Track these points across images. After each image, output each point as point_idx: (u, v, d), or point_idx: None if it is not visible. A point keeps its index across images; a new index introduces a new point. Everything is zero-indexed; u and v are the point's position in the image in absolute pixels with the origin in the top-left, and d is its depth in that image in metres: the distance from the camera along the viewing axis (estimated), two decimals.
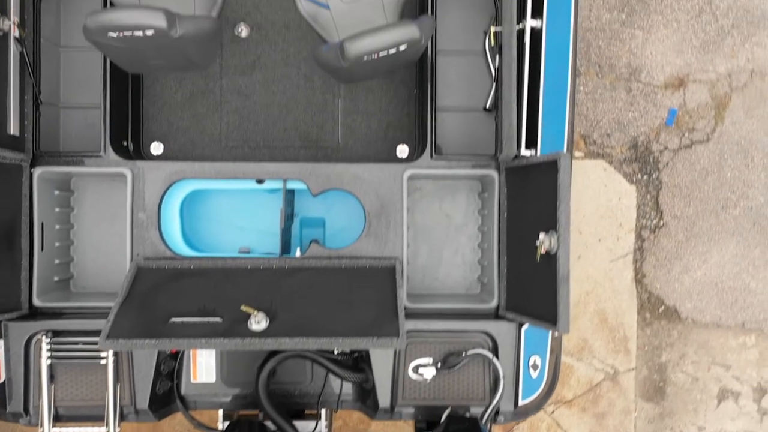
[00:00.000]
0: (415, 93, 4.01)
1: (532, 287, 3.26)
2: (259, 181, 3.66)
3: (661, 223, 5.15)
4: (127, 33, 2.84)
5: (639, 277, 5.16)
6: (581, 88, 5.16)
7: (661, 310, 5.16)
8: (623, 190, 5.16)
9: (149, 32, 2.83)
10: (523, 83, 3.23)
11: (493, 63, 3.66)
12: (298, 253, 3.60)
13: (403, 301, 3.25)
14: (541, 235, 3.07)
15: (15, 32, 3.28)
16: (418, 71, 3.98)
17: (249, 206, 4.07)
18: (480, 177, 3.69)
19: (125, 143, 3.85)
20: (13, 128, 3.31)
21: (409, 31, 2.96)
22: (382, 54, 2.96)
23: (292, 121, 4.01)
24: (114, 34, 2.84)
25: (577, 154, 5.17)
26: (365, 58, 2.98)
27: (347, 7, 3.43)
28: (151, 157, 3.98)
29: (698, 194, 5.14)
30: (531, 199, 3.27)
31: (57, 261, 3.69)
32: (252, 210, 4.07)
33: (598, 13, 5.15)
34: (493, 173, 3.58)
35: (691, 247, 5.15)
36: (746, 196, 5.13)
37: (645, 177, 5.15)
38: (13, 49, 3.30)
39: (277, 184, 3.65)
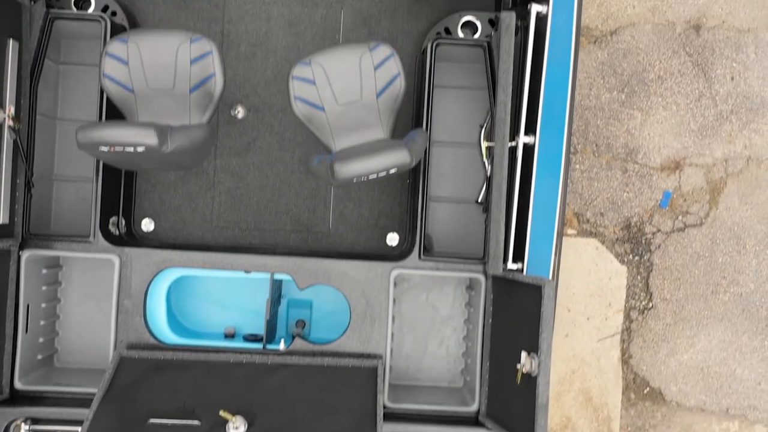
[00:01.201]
0: (408, 182, 4.02)
1: (512, 401, 3.27)
2: (247, 271, 3.67)
3: (651, 304, 5.16)
4: (118, 148, 2.85)
5: (626, 358, 5.17)
6: (577, 166, 5.16)
7: (646, 391, 5.17)
8: (614, 270, 5.16)
9: (140, 149, 2.84)
10: (512, 202, 3.23)
11: (488, 159, 3.67)
12: (282, 346, 3.60)
13: (383, 407, 3.26)
14: (523, 356, 3.08)
15: (9, 122, 3.29)
16: None
17: (236, 286, 4.08)
18: (467, 278, 3.70)
19: (116, 219, 3.86)
20: (2, 217, 3.32)
21: (400, 157, 2.97)
22: (372, 176, 2.97)
23: (284, 205, 4.02)
24: (105, 149, 2.85)
25: (569, 231, 5.18)
26: (354, 180, 2.99)
27: (342, 109, 3.44)
28: (142, 234, 3.98)
29: (689, 278, 5.14)
30: (516, 313, 3.28)
31: (41, 339, 3.70)
32: (239, 290, 4.08)
33: (597, 92, 5.15)
34: (481, 277, 3.59)
35: (679, 330, 5.15)
36: (736, 283, 5.13)
37: (636, 258, 5.16)
38: (7, 138, 3.31)
39: (265, 275, 3.65)
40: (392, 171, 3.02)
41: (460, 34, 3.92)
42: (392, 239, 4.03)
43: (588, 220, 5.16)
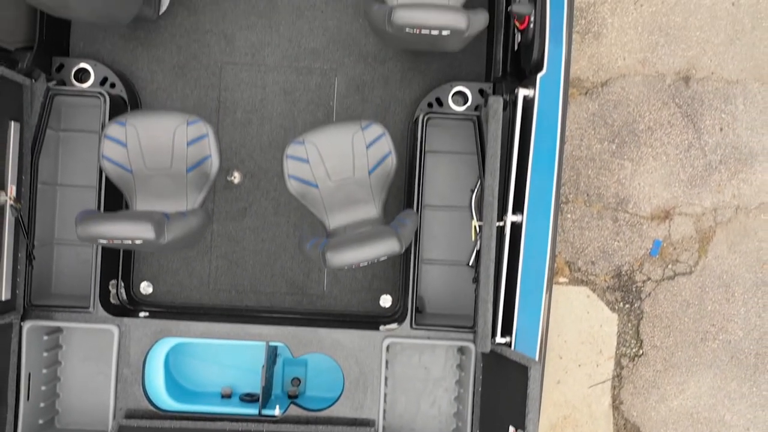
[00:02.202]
0: None
1: None
2: None
3: (641, 351, 5.25)
4: (116, 241, 2.94)
5: (616, 404, 5.26)
6: (568, 215, 5.26)
7: None
8: (605, 317, 5.25)
9: (138, 241, 2.93)
10: (500, 279, 3.33)
11: (477, 237, 3.76)
12: (277, 411, 3.70)
13: None
14: (511, 431, 3.17)
15: (11, 202, 3.39)
16: None
17: (233, 346, 4.17)
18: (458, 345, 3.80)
19: (115, 282, 3.95)
20: (5, 294, 3.41)
21: (390, 246, 3.07)
22: (363, 264, 3.06)
23: (279, 268, 4.11)
24: (104, 241, 2.94)
25: (561, 280, 5.27)
26: (345, 267, 3.08)
27: (335, 185, 3.54)
28: (140, 297, 4.08)
29: (678, 325, 5.23)
30: (504, 387, 3.37)
31: (42, 404, 3.79)
32: (235, 349, 4.17)
33: (589, 142, 5.25)
34: (471, 345, 3.68)
35: (669, 376, 5.24)
36: (725, 330, 5.22)
37: (627, 306, 5.25)
38: (9, 217, 3.40)
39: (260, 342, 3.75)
40: (382, 258, 3.12)
41: (451, 104, 4.01)
42: (385, 301, 4.12)
43: (579, 268, 5.25)
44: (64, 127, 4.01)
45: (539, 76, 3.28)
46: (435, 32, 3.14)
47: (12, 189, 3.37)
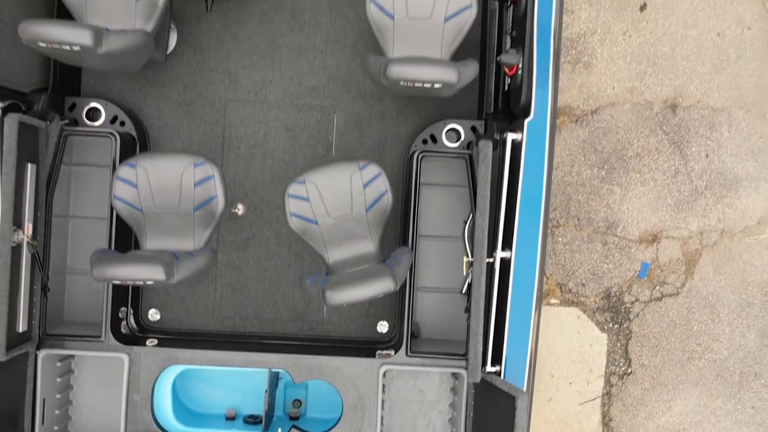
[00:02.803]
0: None
1: None
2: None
3: (630, 370, 5.45)
4: (129, 281, 3.14)
5: (606, 421, 5.46)
6: (560, 239, 5.45)
7: None
8: (595, 337, 5.45)
9: (149, 282, 3.13)
10: (491, 311, 3.52)
11: (468, 272, 3.96)
12: None
13: None
14: None
15: (28, 239, 3.59)
16: None
17: (237, 369, 4.36)
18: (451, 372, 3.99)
19: (125, 309, 4.15)
20: (22, 326, 3.61)
21: (385, 286, 3.27)
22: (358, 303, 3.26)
23: (281, 296, 4.31)
24: (118, 282, 3.14)
25: (552, 301, 5.47)
26: (344, 305, 3.28)
27: (334, 222, 3.74)
28: (149, 323, 4.28)
29: (666, 345, 5.43)
30: (494, 413, 3.57)
31: (56, 428, 3.99)
32: (240, 372, 4.37)
33: (579, 169, 5.44)
34: (463, 372, 3.88)
35: (656, 394, 5.44)
36: (711, 349, 5.42)
37: (616, 326, 5.44)
38: (26, 254, 3.60)
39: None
40: (378, 296, 3.32)
41: (445, 140, 4.21)
42: (382, 327, 4.32)
43: (570, 290, 5.44)
44: (76, 161, 4.21)
45: (527, 121, 3.48)
46: (428, 85, 3.34)
47: (29, 227, 3.57)
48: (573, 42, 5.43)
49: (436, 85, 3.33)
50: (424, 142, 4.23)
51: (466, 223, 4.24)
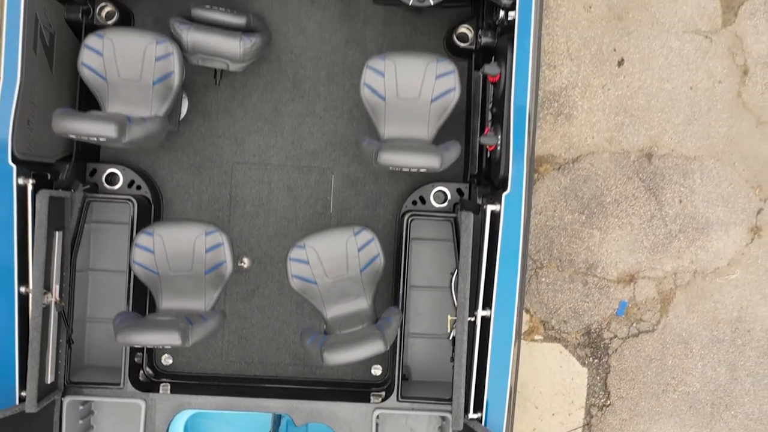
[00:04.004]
0: None
1: None
2: None
3: (609, 402, 5.83)
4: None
5: None
6: (543, 279, 5.83)
7: None
8: (576, 371, 5.83)
9: (167, 346, 3.53)
10: (473, 365, 3.91)
11: (452, 330, 4.34)
12: None
13: None
14: None
15: (56, 299, 3.98)
16: (392, 304, 4.67)
17: None
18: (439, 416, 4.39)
19: (141, 355, 4.53)
20: (50, 377, 4.00)
21: (377, 348, 3.66)
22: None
23: (283, 342, 4.71)
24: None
25: (536, 337, 5.86)
26: (343, 364, 3.68)
27: (331, 281, 4.13)
28: (162, 367, 4.67)
29: (642, 378, 5.81)
30: None
31: None
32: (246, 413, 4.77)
33: (561, 214, 5.82)
34: (449, 416, 4.27)
35: (633, 425, 5.83)
36: (684, 383, 5.79)
37: (596, 361, 5.82)
38: (54, 312, 4.00)
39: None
40: (370, 357, 3.71)
41: (433, 201, 4.61)
42: (376, 370, 4.71)
43: (553, 327, 5.83)
44: (96, 219, 4.60)
45: (504, 194, 3.87)
46: (414, 169, 3.74)
47: (56, 289, 3.97)
48: (555, 95, 5.81)
49: (422, 169, 3.72)
50: (414, 203, 4.62)
51: (452, 275, 4.63)
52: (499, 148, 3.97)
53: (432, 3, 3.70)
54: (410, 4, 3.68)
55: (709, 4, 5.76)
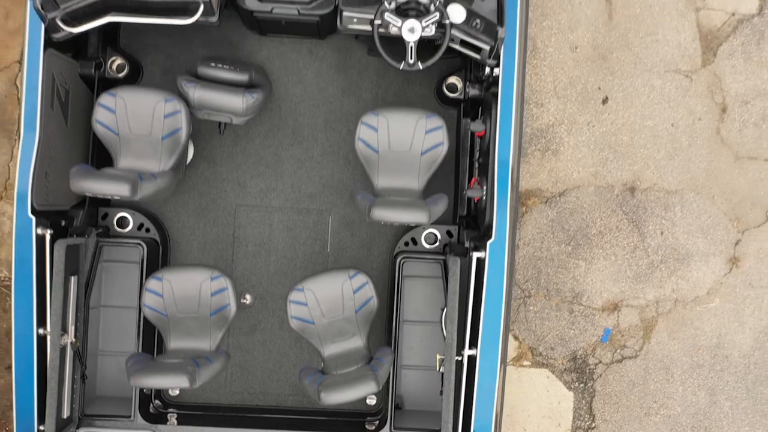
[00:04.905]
0: None
1: None
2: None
3: (593, 425, 6.11)
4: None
5: None
6: (531, 308, 6.11)
7: None
8: (563, 395, 6.10)
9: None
10: (460, 400, 4.20)
11: (441, 367, 4.61)
12: None
13: None
14: None
15: (72, 340, 4.27)
16: (386, 341, 4.97)
17: None
18: None
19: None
20: (66, 412, 4.29)
21: (370, 388, 3.95)
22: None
23: (283, 373, 5.00)
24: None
25: (525, 363, 6.13)
26: (339, 403, 3.97)
27: (328, 322, 4.43)
28: (169, 397, 4.96)
29: (625, 402, 6.08)
30: None
31: None
32: None
33: (548, 245, 6.10)
34: None
35: None
36: (666, 406, 6.07)
37: (581, 385, 6.10)
38: (69, 351, 4.29)
39: None
40: (364, 397, 4.01)
41: (424, 243, 4.89)
42: (371, 399, 4.99)
43: (540, 353, 6.10)
44: (106, 258, 4.89)
45: (489, 242, 4.16)
46: (404, 222, 4.04)
47: (72, 330, 4.26)
48: (543, 132, 6.08)
49: (412, 224, 4.01)
50: (406, 243, 4.91)
51: (443, 310, 4.92)
52: (484, 198, 4.25)
53: (421, 68, 3.98)
54: (401, 68, 3.97)
55: (690, 45, 6.01)
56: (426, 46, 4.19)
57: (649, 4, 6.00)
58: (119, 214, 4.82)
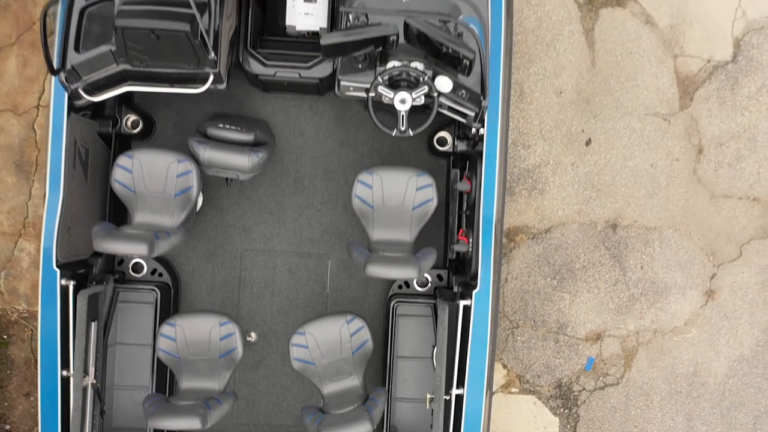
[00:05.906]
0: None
1: None
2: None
3: None
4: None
5: None
6: (519, 338, 6.47)
7: None
8: (548, 420, 6.45)
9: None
10: None
11: (431, 406, 4.96)
12: None
13: None
14: None
15: (92, 381, 4.65)
16: (381, 377, 5.34)
17: None
18: None
19: None
20: None
21: (365, 427, 4.32)
22: None
23: (286, 406, 5.37)
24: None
25: (513, 389, 6.49)
26: None
27: (327, 362, 4.80)
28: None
29: (608, 427, 6.43)
30: None
31: None
32: None
33: (535, 279, 6.45)
34: None
35: None
36: (646, 431, 6.41)
37: (566, 411, 6.45)
38: (90, 391, 4.66)
39: None
40: None
41: (416, 286, 5.27)
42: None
43: (527, 380, 6.46)
44: (122, 299, 5.27)
45: (474, 292, 4.54)
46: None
47: (92, 371, 4.63)
48: (529, 172, 6.41)
49: (403, 279, 4.39)
50: (400, 286, 5.28)
51: (434, 347, 5.29)
52: (470, 251, 4.63)
53: (411, 134, 4.35)
54: (393, 135, 4.33)
55: (668, 90, 6.33)
56: (417, 108, 4.56)
57: (629, 51, 6.31)
58: (134, 261, 5.19)
